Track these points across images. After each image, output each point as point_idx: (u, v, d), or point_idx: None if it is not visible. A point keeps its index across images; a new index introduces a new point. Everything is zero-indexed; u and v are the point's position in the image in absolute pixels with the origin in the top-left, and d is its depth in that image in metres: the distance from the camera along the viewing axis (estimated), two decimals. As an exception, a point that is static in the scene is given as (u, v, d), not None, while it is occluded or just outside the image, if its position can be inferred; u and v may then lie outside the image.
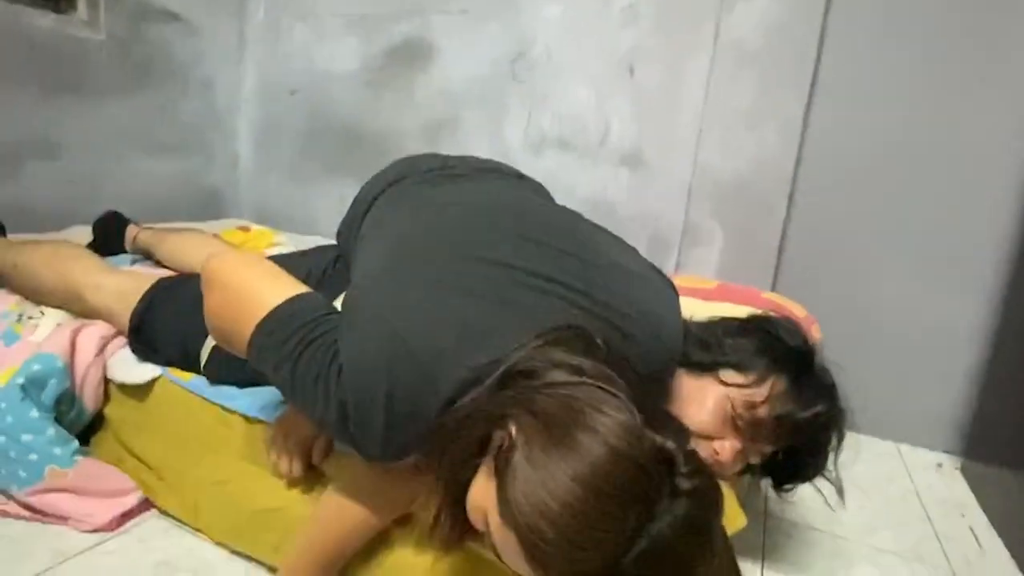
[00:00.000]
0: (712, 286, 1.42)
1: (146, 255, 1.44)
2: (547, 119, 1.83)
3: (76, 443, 1.03)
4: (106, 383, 1.10)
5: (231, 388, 1.01)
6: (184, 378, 1.04)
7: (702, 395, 0.85)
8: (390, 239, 0.86)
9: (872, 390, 1.19)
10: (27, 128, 1.61)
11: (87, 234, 1.51)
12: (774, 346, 0.88)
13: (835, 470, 0.89)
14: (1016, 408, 1.50)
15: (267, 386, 0.95)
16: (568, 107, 1.80)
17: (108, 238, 1.50)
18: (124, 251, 1.50)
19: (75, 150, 1.72)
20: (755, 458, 0.87)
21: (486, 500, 0.58)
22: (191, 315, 0.92)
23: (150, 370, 1.07)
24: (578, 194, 1.77)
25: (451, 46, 1.92)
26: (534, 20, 1.80)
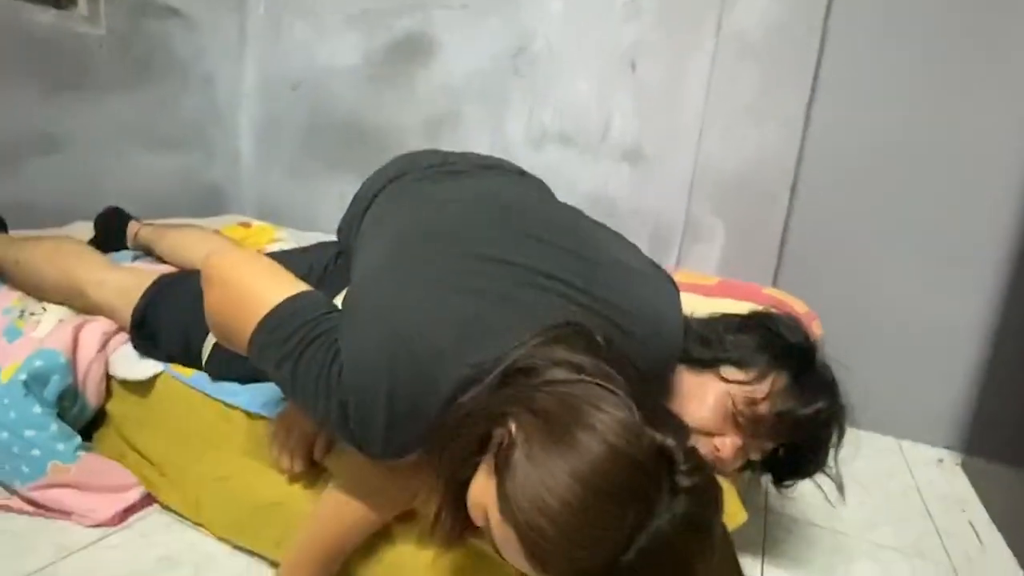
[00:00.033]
0: (713, 282, 1.42)
1: (147, 251, 1.45)
2: (548, 114, 1.83)
3: (79, 439, 1.04)
4: (108, 379, 1.11)
5: (233, 384, 1.01)
6: (186, 374, 1.04)
7: (703, 391, 0.85)
8: (390, 236, 0.85)
9: (873, 386, 1.18)
10: (28, 124, 1.61)
11: (88, 230, 1.52)
12: (775, 342, 0.88)
13: (835, 466, 0.89)
14: (1017, 404, 1.50)
15: (268, 382, 0.95)
16: (569, 102, 1.80)
17: (110, 234, 1.50)
18: (126, 247, 1.50)
19: (76, 146, 1.72)
20: (756, 454, 0.87)
21: (486, 497, 0.58)
22: (193, 311, 0.92)
23: (152, 366, 1.07)
24: (579, 189, 1.76)
25: (452, 41, 1.91)
26: (535, 14, 1.80)
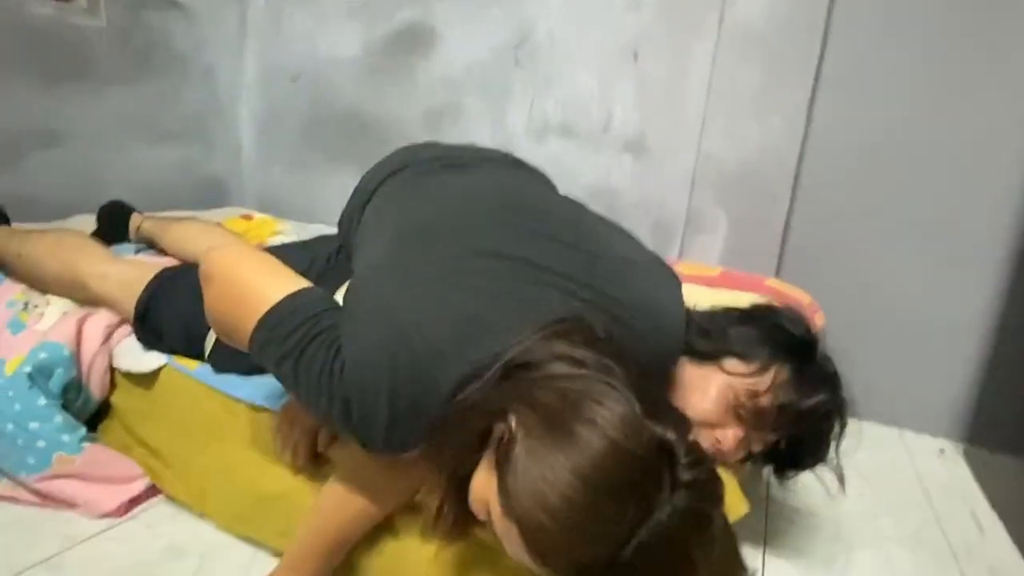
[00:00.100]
0: (715, 273, 1.42)
1: (150, 244, 1.45)
2: (550, 105, 1.82)
3: (84, 430, 1.04)
4: (112, 371, 1.11)
5: (236, 376, 1.01)
6: (189, 366, 1.05)
7: (705, 384, 0.85)
8: (391, 230, 0.85)
9: (875, 376, 1.19)
10: (28, 117, 1.61)
11: (90, 223, 1.52)
12: (777, 335, 0.88)
13: (836, 458, 0.89)
14: (1018, 394, 1.51)
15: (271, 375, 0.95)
16: (571, 93, 1.79)
17: (112, 227, 1.50)
18: (128, 240, 1.50)
19: (76, 139, 1.72)
20: (757, 446, 0.87)
21: (487, 492, 0.58)
22: (195, 304, 0.92)
23: (155, 359, 1.07)
24: (581, 181, 1.76)
25: (453, 32, 1.90)
26: (537, 5, 1.78)
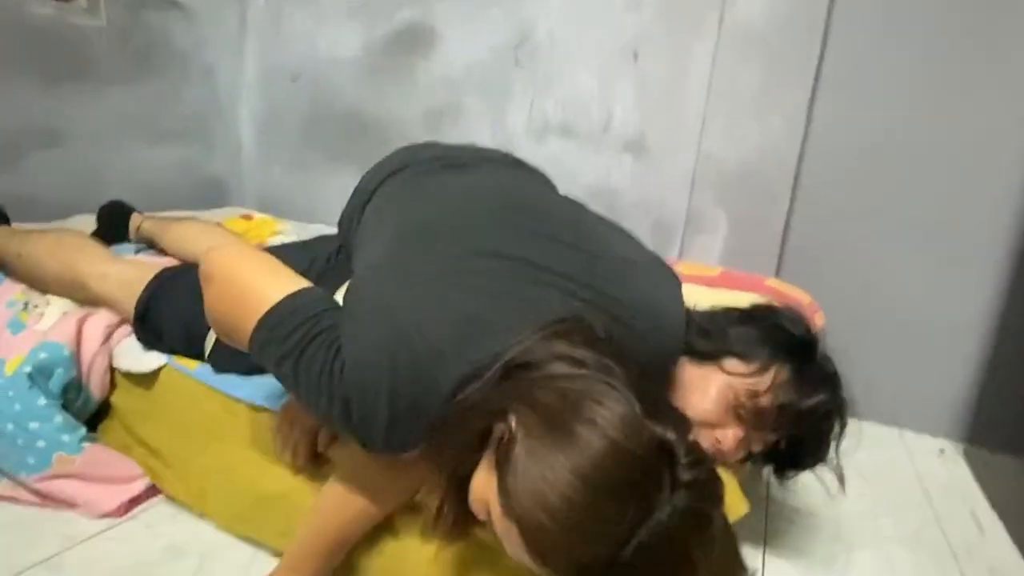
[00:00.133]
0: (715, 273, 1.42)
1: (150, 244, 1.45)
2: (550, 105, 1.82)
3: (84, 430, 1.04)
4: (112, 371, 1.11)
5: (236, 376, 1.01)
6: (189, 366, 1.05)
7: (705, 384, 0.85)
8: (391, 231, 0.85)
9: (875, 376, 1.19)
10: (28, 117, 1.61)
11: (91, 223, 1.51)
12: (777, 335, 0.88)
13: (836, 458, 0.89)
14: (1018, 394, 1.51)
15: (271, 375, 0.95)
16: (571, 93, 1.79)
17: (113, 227, 1.50)
18: (128, 240, 1.50)
19: (76, 138, 1.72)
20: (757, 446, 0.87)
21: (487, 492, 0.58)
22: (195, 304, 0.92)
23: (155, 359, 1.07)
24: (581, 181, 1.76)
25: (453, 32, 1.90)
26: (536, 5, 1.78)
